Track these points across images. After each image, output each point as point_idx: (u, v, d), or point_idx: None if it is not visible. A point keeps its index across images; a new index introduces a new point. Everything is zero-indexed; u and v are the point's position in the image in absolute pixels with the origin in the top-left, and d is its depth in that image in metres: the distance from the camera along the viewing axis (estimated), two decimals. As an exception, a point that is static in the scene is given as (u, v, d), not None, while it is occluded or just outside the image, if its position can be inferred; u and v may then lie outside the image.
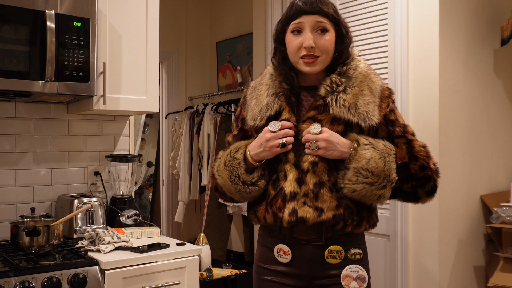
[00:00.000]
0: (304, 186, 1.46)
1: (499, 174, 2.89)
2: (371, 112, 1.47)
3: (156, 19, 2.38)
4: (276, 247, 1.54)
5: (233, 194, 1.57)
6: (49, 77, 1.95)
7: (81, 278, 1.80)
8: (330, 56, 1.52)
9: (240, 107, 1.69)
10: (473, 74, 2.70)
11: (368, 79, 1.52)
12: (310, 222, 1.44)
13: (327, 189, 1.46)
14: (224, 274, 2.89)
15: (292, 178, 1.47)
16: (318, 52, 1.48)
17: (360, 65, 1.54)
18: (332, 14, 1.49)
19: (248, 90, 1.65)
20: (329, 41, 1.49)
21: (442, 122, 2.46)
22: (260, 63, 3.43)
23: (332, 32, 1.50)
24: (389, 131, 1.51)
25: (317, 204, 1.45)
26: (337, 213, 1.45)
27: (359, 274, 1.48)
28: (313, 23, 1.48)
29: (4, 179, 2.28)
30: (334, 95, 1.48)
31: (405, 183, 1.49)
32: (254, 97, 1.59)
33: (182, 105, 4.66)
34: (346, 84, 1.49)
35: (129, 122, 2.65)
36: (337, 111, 1.46)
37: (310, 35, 1.47)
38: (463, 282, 2.61)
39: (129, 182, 2.53)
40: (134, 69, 2.31)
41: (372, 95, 1.50)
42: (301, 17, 1.49)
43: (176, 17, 4.62)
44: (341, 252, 1.49)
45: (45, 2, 1.97)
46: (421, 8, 2.50)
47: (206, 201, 3.97)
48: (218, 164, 1.60)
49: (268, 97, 1.54)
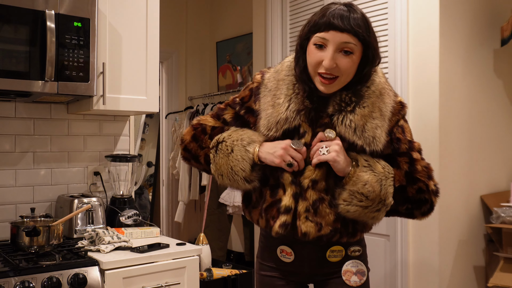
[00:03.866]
0: (304, 201, 1.44)
1: (499, 174, 2.88)
2: (377, 137, 1.43)
3: (156, 19, 2.38)
4: (279, 248, 1.55)
5: (224, 177, 1.50)
6: (49, 77, 1.95)
7: (81, 278, 1.80)
8: (350, 78, 1.43)
9: (249, 92, 1.59)
10: (473, 74, 2.70)
11: (380, 101, 1.45)
12: (311, 237, 1.44)
13: (327, 204, 1.44)
14: (224, 274, 2.89)
15: (290, 192, 1.45)
16: (337, 72, 1.39)
17: (376, 80, 1.47)
18: (363, 35, 1.37)
19: (262, 87, 1.55)
20: (352, 63, 1.39)
21: (442, 122, 2.46)
22: (260, 63, 3.43)
23: (357, 54, 1.40)
24: (394, 148, 1.47)
25: (317, 219, 1.44)
26: (333, 228, 1.45)
27: (358, 269, 1.52)
28: (339, 43, 1.37)
29: (4, 179, 2.28)
30: (341, 115, 1.43)
31: (400, 206, 1.47)
32: (271, 104, 1.50)
33: (182, 105, 4.65)
34: (355, 103, 1.43)
35: (129, 122, 2.65)
36: (343, 131, 1.42)
37: (332, 55, 1.37)
38: (463, 282, 2.61)
39: (129, 182, 2.53)
40: (134, 69, 2.31)
41: (382, 119, 1.45)
42: (328, 32, 1.37)
43: (176, 17, 4.61)
44: (342, 251, 1.51)
45: (45, 2, 1.97)
46: (421, 8, 2.50)
47: (206, 201, 3.97)
48: (224, 139, 1.50)
49: (289, 111, 1.46)
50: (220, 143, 1.51)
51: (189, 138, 1.61)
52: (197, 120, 1.64)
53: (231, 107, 1.62)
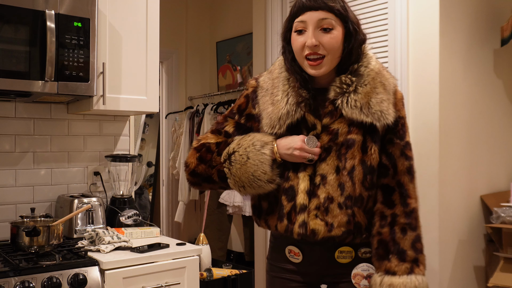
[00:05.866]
0: (315, 199, 1.43)
1: (499, 174, 2.88)
2: (385, 110, 1.41)
3: (156, 19, 2.38)
4: (287, 248, 1.53)
5: (246, 187, 1.47)
6: (49, 77, 1.95)
7: (81, 278, 1.80)
8: (338, 56, 1.43)
9: (245, 99, 1.58)
10: (473, 74, 2.70)
11: (380, 76, 1.45)
12: (320, 236, 1.42)
13: (336, 205, 1.42)
14: (224, 274, 2.89)
15: (303, 189, 1.44)
16: (322, 50, 1.40)
17: (372, 62, 1.47)
18: (338, 9, 1.40)
19: (259, 89, 1.55)
20: (335, 39, 1.40)
21: (442, 122, 2.46)
22: (260, 63, 3.43)
23: (339, 29, 1.41)
24: (388, 154, 1.47)
25: (327, 218, 1.42)
26: (346, 230, 1.43)
27: (369, 273, 1.48)
28: (317, 20, 1.39)
29: (4, 179, 2.28)
30: (344, 97, 1.41)
31: None
32: (270, 102, 1.50)
33: (182, 105, 4.66)
34: (357, 83, 1.42)
35: (129, 122, 2.65)
36: (349, 112, 1.40)
37: (312, 33, 1.39)
38: (463, 282, 2.61)
39: (129, 182, 2.53)
40: (134, 69, 2.31)
41: (386, 92, 1.44)
42: (305, 14, 1.40)
43: (176, 17, 4.62)
44: (351, 252, 1.49)
45: (45, 2, 1.97)
46: (421, 8, 2.50)
47: (206, 201, 3.97)
48: (234, 150, 1.48)
49: (288, 105, 1.45)
50: (232, 155, 1.48)
51: (195, 160, 1.54)
52: (198, 141, 1.58)
53: (230, 118, 1.59)
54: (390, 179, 1.47)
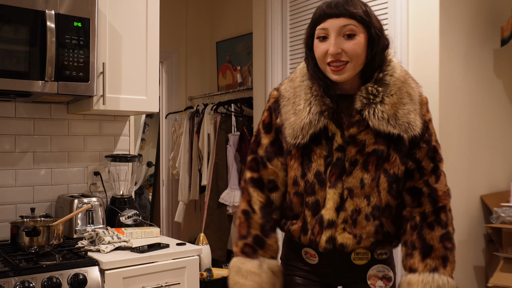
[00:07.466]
0: (343, 212, 1.42)
1: (499, 174, 2.88)
2: (412, 121, 1.40)
3: (156, 19, 2.38)
4: (304, 250, 1.53)
5: None
6: (49, 77, 1.95)
7: (81, 278, 1.81)
8: (361, 62, 1.40)
9: (267, 113, 1.55)
10: (473, 74, 2.70)
11: (406, 85, 1.43)
12: (350, 249, 1.42)
13: (364, 216, 1.41)
14: (224, 274, 2.89)
15: (332, 206, 1.42)
16: (345, 57, 1.37)
17: (397, 71, 1.44)
18: (360, 15, 1.37)
19: (281, 98, 1.52)
20: (358, 45, 1.37)
21: (442, 122, 2.46)
22: (260, 63, 3.43)
23: (361, 35, 1.38)
24: (415, 159, 1.45)
25: (355, 231, 1.41)
26: (375, 240, 1.43)
27: (385, 274, 1.48)
28: (339, 27, 1.36)
29: (4, 179, 2.28)
30: (371, 107, 1.39)
31: None
32: (292, 112, 1.47)
33: (182, 105, 4.66)
34: (383, 93, 1.40)
35: (129, 122, 2.65)
36: (377, 124, 1.38)
37: (334, 41, 1.36)
38: (463, 282, 2.61)
39: (129, 182, 2.53)
40: (134, 69, 2.31)
41: (413, 103, 1.42)
42: (326, 22, 1.38)
43: (176, 17, 4.62)
44: (367, 253, 1.48)
45: (45, 2, 1.97)
46: (421, 8, 2.50)
47: (206, 201, 3.97)
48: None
49: (311, 114, 1.43)
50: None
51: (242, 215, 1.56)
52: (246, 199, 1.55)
53: (265, 133, 1.56)
54: (417, 181, 1.47)
